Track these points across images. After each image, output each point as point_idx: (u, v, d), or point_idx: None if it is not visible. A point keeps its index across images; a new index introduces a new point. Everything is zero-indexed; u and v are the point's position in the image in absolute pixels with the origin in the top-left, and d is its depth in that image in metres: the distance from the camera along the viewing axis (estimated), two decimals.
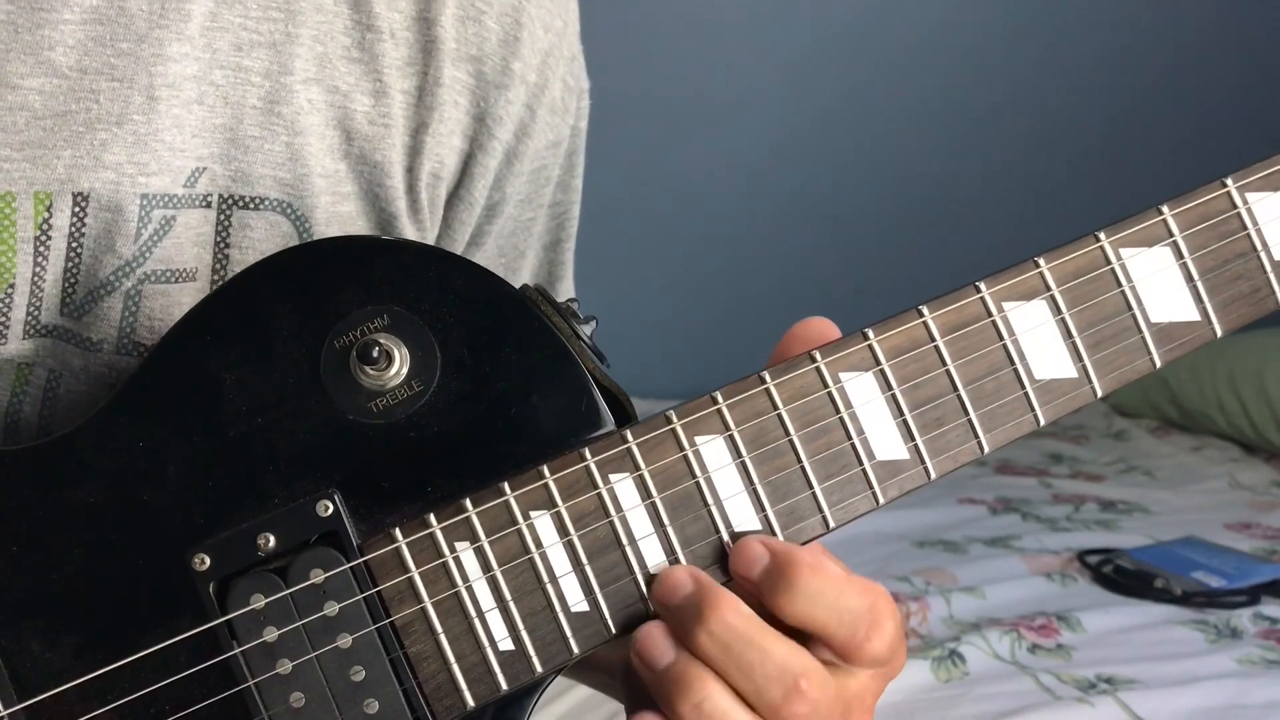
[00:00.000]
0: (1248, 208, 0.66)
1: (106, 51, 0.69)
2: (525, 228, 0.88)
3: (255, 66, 0.73)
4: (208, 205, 0.73)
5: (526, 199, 0.86)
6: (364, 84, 0.76)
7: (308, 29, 0.74)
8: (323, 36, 0.75)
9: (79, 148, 0.69)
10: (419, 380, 0.62)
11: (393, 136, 0.77)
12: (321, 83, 0.75)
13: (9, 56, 0.68)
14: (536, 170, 0.85)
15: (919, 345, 0.63)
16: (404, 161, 0.78)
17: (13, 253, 0.69)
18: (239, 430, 0.62)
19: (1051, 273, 0.64)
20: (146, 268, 0.71)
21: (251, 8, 0.73)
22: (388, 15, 0.76)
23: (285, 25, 0.74)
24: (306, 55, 0.74)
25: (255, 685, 0.61)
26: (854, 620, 0.59)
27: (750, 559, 0.60)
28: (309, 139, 0.74)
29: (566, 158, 0.88)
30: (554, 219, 0.90)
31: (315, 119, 0.75)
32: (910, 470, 0.63)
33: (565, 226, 0.91)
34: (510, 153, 0.82)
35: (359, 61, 0.76)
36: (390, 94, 0.76)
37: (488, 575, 0.61)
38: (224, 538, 0.61)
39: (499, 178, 0.83)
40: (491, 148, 0.81)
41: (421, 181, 0.79)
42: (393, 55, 0.76)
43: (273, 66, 0.73)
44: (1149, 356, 0.65)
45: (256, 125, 0.73)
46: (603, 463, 0.62)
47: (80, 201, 0.69)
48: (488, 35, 0.79)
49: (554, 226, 0.91)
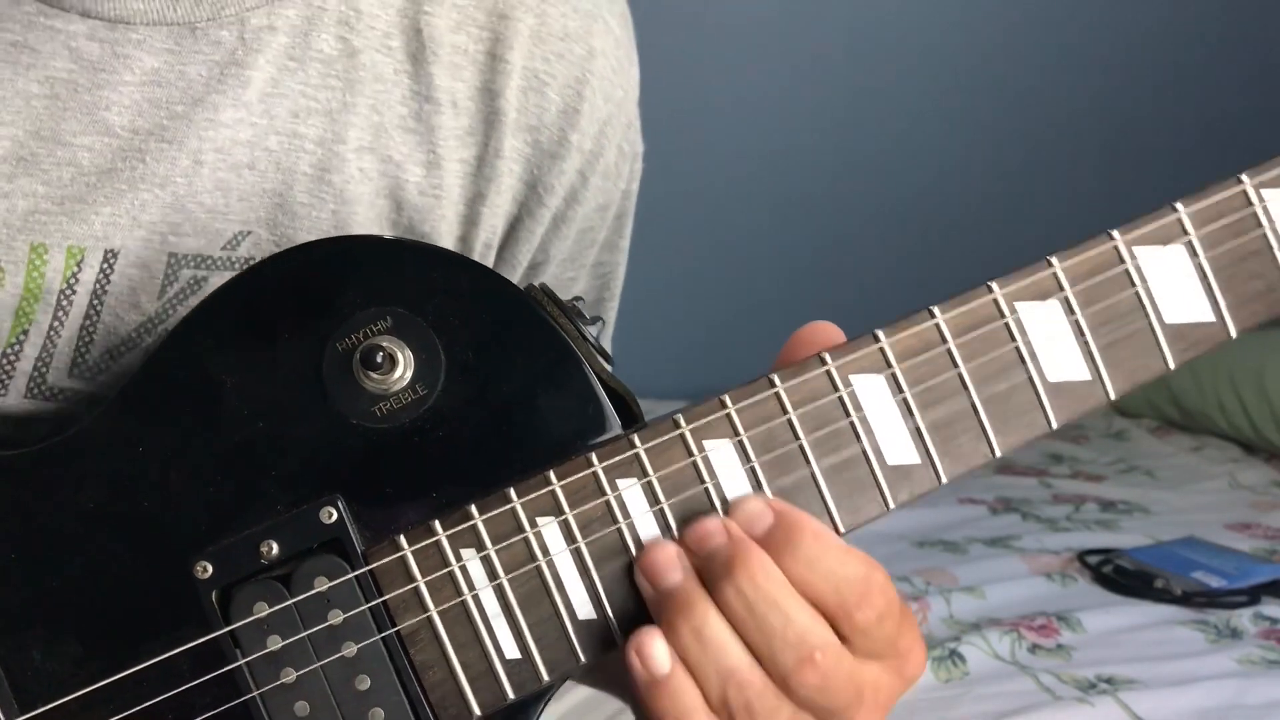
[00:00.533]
0: (1264, 205, 0.65)
1: (160, 113, 0.69)
2: (566, 286, 0.86)
3: (310, 134, 0.72)
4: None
5: (570, 259, 0.85)
6: (417, 154, 0.75)
7: (365, 98, 0.74)
8: (380, 106, 0.74)
9: (118, 205, 0.69)
10: (423, 384, 0.62)
11: (443, 207, 0.76)
12: (375, 152, 0.74)
13: (65, 115, 0.68)
14: (583, 232, 0.84)
15: (931, 347, 0.62)
16: (456, 231, 0.77)
17: (35, 300, 0.68)
18: (241, 435, 0.62)
19: (1065, 272, 0.63)
20: (169, 325, 0.71)
21: (312, 75, 0.72)
22: (450, 86, 0.75)
23: (343, 94, 0.73)
24: (362, 124, 0.74)
25: (260, 696, 0.60)
26: (847, 588, 0.58)
27: (752, 515, 0.60)
28: (357, 208, 0.74)
29: (615, 220, 0.87)
30: (597, 278, 0.89)
31: (366, 188, 0.74)
32: (921, 474, 0.62)
33: (609, 286, 0.90)
34: (558, 218, 0.81)
35: (414, 132, 0.75)
36: (444, 165, 0.75)
37: (494, 583, 0.60)
38: (226, 545, 0.61)
39: (544, 241, 0.82)
40: (540, 215, 0.80)
41: (475, 251, 0.78)
42: (451, 126, 0.75)
43: (327, 134, 0.73)
44: (1163, 358, 0.64)
45: (306, 192, 0.73)
46: (610, 468, 0.61)
47: (110, 258, 0.69)
48: (548, 106, 0.78)
49: (597, 285, 0.89)
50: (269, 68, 0.71)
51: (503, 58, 0.76)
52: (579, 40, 0.79)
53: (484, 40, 0.76)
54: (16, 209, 0.67)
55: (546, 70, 0.77)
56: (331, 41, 0.73)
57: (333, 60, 0.73)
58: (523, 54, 0.77)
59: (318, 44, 0.73)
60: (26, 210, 0.68)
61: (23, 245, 0.68)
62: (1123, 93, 3.40)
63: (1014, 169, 3.39)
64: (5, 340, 0.69)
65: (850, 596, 0.58)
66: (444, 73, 0.75)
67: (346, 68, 0.73)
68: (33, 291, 0.68)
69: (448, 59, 0.75)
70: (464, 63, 0.76)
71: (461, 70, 0.76)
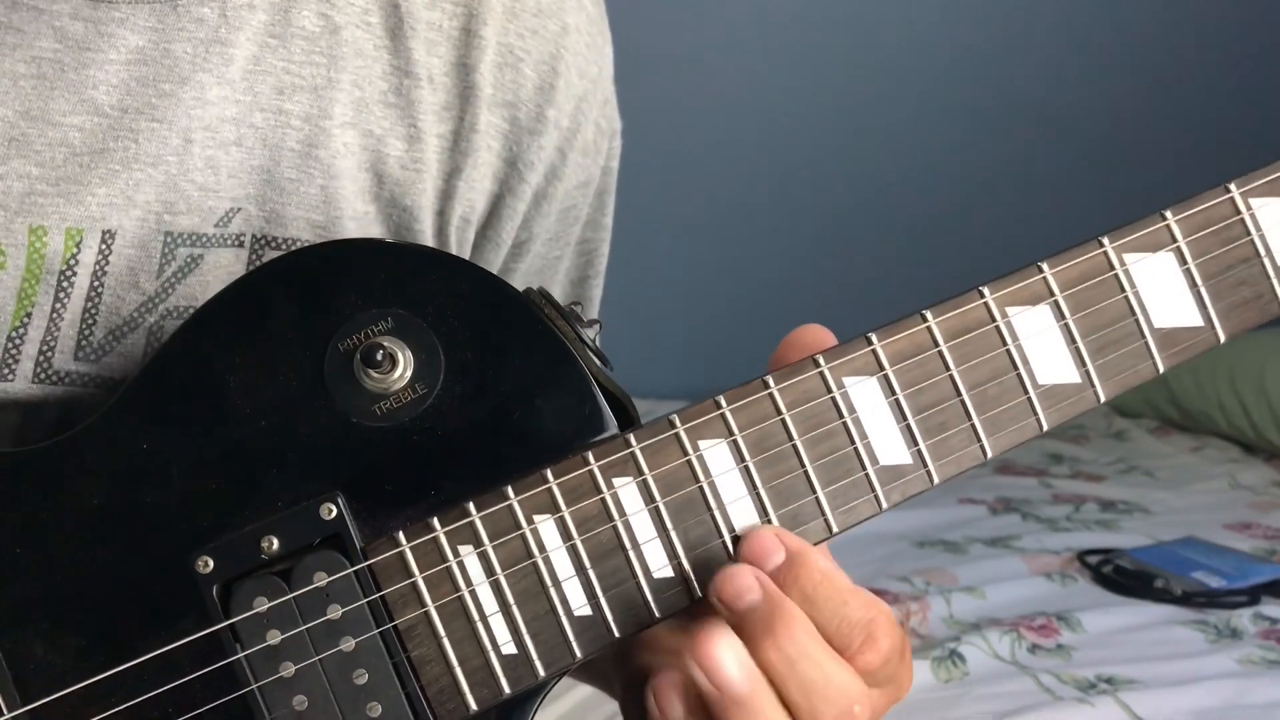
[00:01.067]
0: (1251, 213, 0.66)
1: (149, 92, 0.70)
2: (552, 265, 0.88)
3: (296, 110, 0.73)
4: (240, 245, 0.73)
5: (554, 237, 0.86)
6: (398, 129, 0.76)
7: (348, 74, 0.75)
8: (361, 81, 0.75)
9: (113, 186, 0.70)
10: (422, 383, 0.62)
11: (424, 181, 0.77)
12: (357, 127, 0.75)
13: (53, 94, 0.68)
14: (565, 210, 0.85)
15: (922, 350, 0.63)
16: (435, 205, 0.78)
17: (36, 281, 0.69)
18: (243, 433, 0.62)
19: (1055, 278, 0.64)
20: (170, 304, 0.72)
21: (295, 52, 0.73)
22: (426, 61, 0.76)
23: (327, 70, 0.74)
24: (345, 100, 0.75)
25: (258, 689, 0.61)
26: (850, 631, 0.59)
27: (764, 551, 0.60)
28: (343, 182, 0.75)
29: (596, 197, 0.88)
30: (581, 255, 0.90)
31: (349, 162, 0.75)
32: (913, 475, 0.63)
33: (593, 263, 0.91)
34: (539, 194, 0.82)
35: (395, 106, 0.76)
36: (424, 139, 0.77)
37: (491, 579, 0.61)
38: (228, 540, 0.61)
39: (527, 218, 0.83)
40: (521, 191, 0.81)
41: (452, 225, 0.79)
42: (429, 101, 0.77)
43: (313, 110, 0.74)
44: (1152, 362, 0.65)
45: (293, 168, 0.74)
46: (606, 467, 0.62)
47: (108, 239, 0.70)
48: (524, 82, 0.79)
49: (581, 263, 0.91)
50: (250, 45, 0.72)
51: (477, 33, 0.77)
52: (552, 16, 0.80)
53: (458, 16, 0.77)
54: (12, 191, 0.68)
55: (521, 46, 0.79)
56: (313, 18, 0.74)
57: (316, 37, 0.74)
58: (496, 29, 0.78)
59: (299, 20, 0.74)
60: (22, 192, 0.68)
61: (21, 228, 0.68)
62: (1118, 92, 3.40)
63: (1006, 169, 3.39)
64: (10, 324, 0.69)
65: (855, 640, 0.59)
66: (421, 48, 0.76)
67: (330, 44, 0.74)
68: (33, 273, 0.69)
69: (424, 34, 0.76)
70: (439, 39, 0.77)
71: (437, 46, 0.77)
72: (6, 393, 0.70)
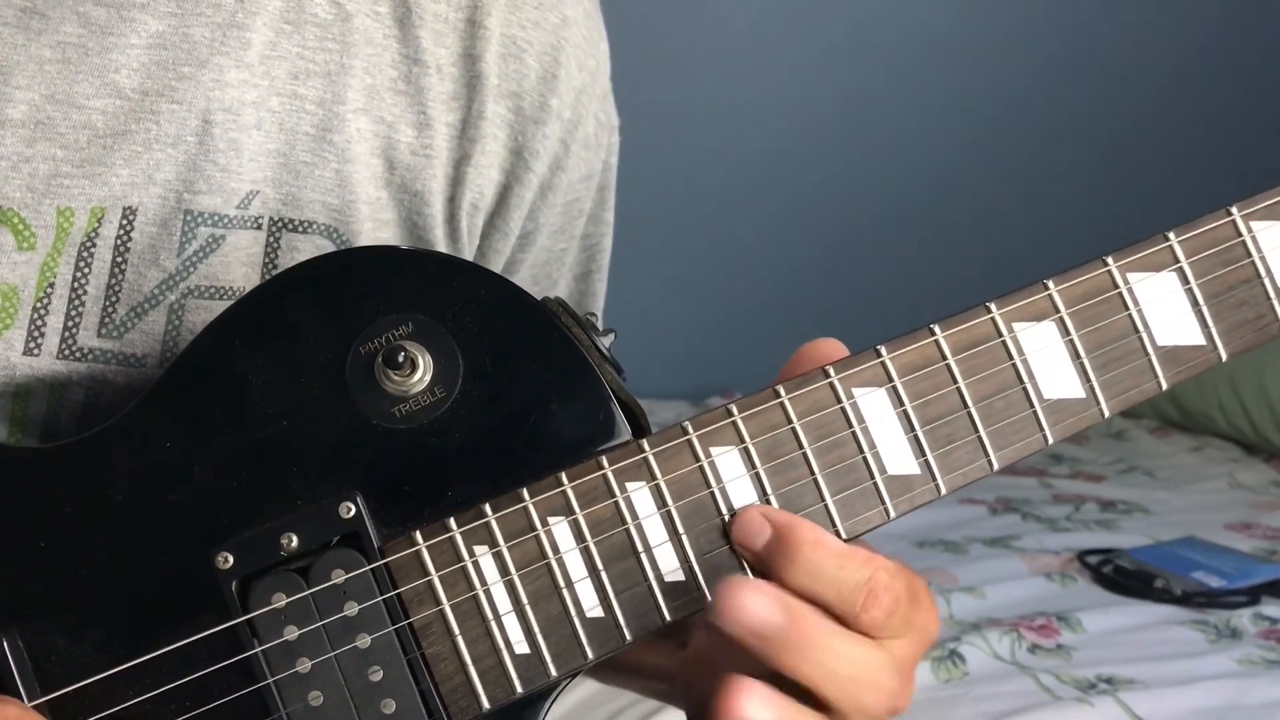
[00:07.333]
0: (1252, 236, 0.67)
1: (169, 75, 0.72)
2: (558, 258, 0.90)
3: (310, 95, 0.75)
4: (258, 227, 0.74)
5: (559, 230, 0.88)
6: (408, 116, 0.78)
7: (359, 61, 0.77)
8: (372, 68, 0.77)
9: (135, 166, 0.71)
10: (441, 387, 0.64)
11: (434, 167, 0.79)
12: (370, 113, 0.77)
13: (77, 78, 0.70)
14: (569, 203, 0.87)
15: (931, 363, 0.64)
16: (445, 191, 0.80)
17: (58, 254, 0.70)
18: (264, 432, 0.63)
19: (1060, 295, 0.65)
20: (191, 283, 0.73)
21: (309, 38, 0.75)
22: (434, 50, 0.78)
23: (340, 56, 0.76)
24: (358, 86, 0.76)
25: (274, 683, 0.62)
26: (852, 592, 0.60)
27: (752, 532, 0.62)
28: (357, 167, 0.76)
29: (598, 191, 0.90)
30: (585, 250, 0.92)
31: (362, 148, 0.77)
32: (921, 485, 0.64)
33: (596, 258, 0.93)
34: (545, 185, 0.84)
35: (405, 94, 0.78)
36: (434, 126, 0.78)
37: (505, 579, 0.62)
38: (248, 537, 0.62)
39: (533, 209, 0.84)
40: (527, 180, 0.82)
41: (462, 211, 0.80)
42: (438, 89, 0.79)
43: (326, 95, 0.76)
44: (1155, 379, 0.66)
45: (309, 152, 0.75)
46: (620, 471, 0.63)
47: (129, 215, 0.71)
48: (527, 72, 0.81)
49: (585, 258, 0.93)
50: (267, 30, 0.74)
51: (481, 24, 0.79)
52: (552, 9, 0.82)
53: (463, 8, 0.79)
54: (39, 173, 0.70)
55: (524, 37, 0.81)
56: (325, 6, 0.76)
57: (328, 24, 0.76)
58: (500, 20, 0.80)
59: (311, 8, 0.76)
60: (48, 174, 0.70)
61: (49, 209, 0.70)
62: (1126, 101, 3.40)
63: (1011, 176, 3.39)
64: (34, 297, 0.71)
65: (855, 600, 0.60)
66: (429, 38, 0.78)
67: (342, 31, 0.76)
68: (57, 247, 0.70)
69: (431, 25, 0.79)
70: (445, 29, 0.79)
71: (444, 36, 0.79)
72: (33, 370, 0.71)
